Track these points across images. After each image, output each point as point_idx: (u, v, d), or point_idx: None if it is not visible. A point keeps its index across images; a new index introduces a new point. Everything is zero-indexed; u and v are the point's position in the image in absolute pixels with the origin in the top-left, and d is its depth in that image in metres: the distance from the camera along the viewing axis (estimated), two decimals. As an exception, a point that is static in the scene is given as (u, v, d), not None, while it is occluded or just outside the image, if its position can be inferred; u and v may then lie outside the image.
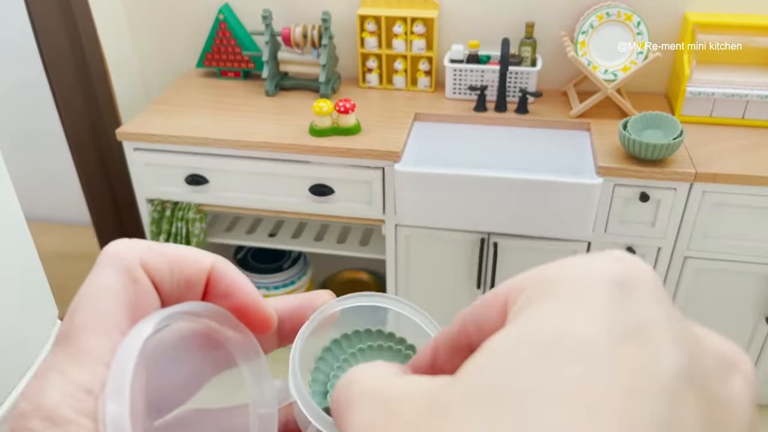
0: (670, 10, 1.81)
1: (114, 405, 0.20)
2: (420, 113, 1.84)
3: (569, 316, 0.17)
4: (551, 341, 0.16)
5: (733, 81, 1.70)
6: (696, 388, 0.16)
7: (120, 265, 0.23)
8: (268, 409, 0.26)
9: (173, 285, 0.24)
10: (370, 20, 1.89)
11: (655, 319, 0.17)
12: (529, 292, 0.18)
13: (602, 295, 0.17)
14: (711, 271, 1.67)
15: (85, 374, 0.21)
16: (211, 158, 1.75)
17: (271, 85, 1.93)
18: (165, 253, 0.24)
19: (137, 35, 2.14)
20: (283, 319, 0.27)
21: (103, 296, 0.22)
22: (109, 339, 0.21)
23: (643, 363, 0.16)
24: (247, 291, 0.25)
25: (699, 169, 1.53)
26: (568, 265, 0.19)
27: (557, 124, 1.79)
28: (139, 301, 0.23)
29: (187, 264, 0.24)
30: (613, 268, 0.18)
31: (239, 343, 0.26)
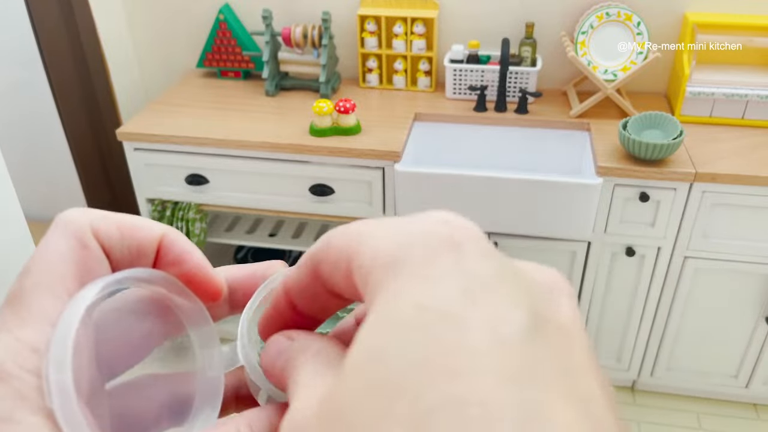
0: (670, 10, 1.81)
1: (57, 366, 0.20)
2: (420, 113, 1.84)
3: (421, 290, 0.17)
4: (412, 318, 0.17)
5: (732, 81, 1.70)
6: (545, 323, 0.17)
7: (70, 230, 0.23)
8: (214, 373, 0.27)
9: (124, 252, 0.25)
10: (370, 20, 1.89)
11: (493, 270, 0.18)
12: (374, 277, 0.19)
13: (443, 262, 0.18)
14: (711, 271, 1.67)
15: (31, 333, 0.21)
16: (212, 158, 1.75)
17: (271, 85, 1.93)
18: (117, 220, 0.25)
19: (137, 35, 2.14)
20: (235, 288, 0.28)
21: (53, 260, 0.23)
22: (58, 300, 0.22)
23: (499, 314, 0.17)
24: (196, 260, 0.26)
25: (699, 169, 1.53)
26: (400, 238, 0.19)
27: (557, 124, 1.79)
28: (88, 266, 0.23)
29: (138, 232, 0.25)
30: (443, 232, 0.19)
31: (188, 309, 0.26)
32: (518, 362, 0.16)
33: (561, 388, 0.16)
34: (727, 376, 1.85)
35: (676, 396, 1.96)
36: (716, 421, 1.89)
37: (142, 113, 1.86)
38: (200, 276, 0.26)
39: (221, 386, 0.26)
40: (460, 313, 0.17)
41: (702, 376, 1.87)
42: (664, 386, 1.95)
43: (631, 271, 1.72)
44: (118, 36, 2.09)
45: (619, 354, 1.88)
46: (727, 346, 1.80)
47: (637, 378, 1.93)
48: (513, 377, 0.15)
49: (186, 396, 0.26)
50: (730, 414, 1.91)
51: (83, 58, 1.94)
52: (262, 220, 2.09)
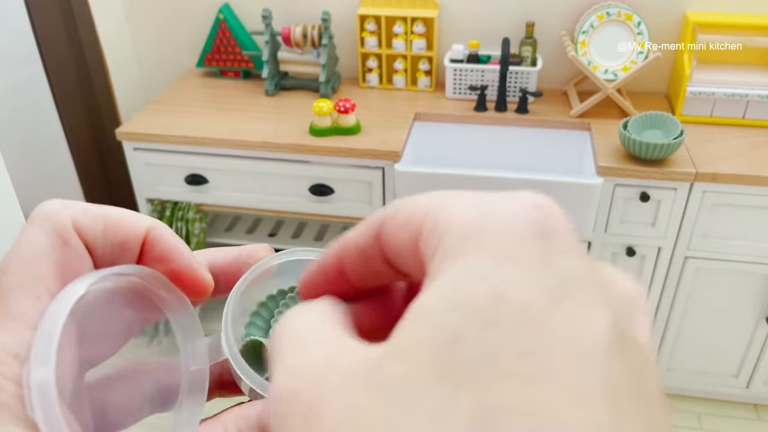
0: (671, 10, 1.81)
1: (40, 370, 0.19)
2: (420, 113, 1.83)
3: (501, 276, 0.16)
4: (489, 306, 0.15)
5: (733, 81, 1.70)
6: (624, 340, 0.16)
7: (50, 226, 0.22)
8: (199, 366, 0.26)
9: (107, 247, 0.24)
10: (370, 20, 1.89)
11: (580, 272, 0.17)
12: (448, 241, 0.17)
13: (530, 251, 0.16)
14: (711, 271, 1.67)
15: (11, 338, 0.20)
16: (211, 158, 1.75)
17: (271, 84, 1.93)
18: (100, 214, 0.24)
19: (137, 35, 2.14)
20: (218, 274, 0.26)
21: (32, 257, 0.22)
22: (38, 301, 0.21)
23: (581, 323, 0.15)
24: (183, 256, 0.25)
25: (699, 169, 1.53)
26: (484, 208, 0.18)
27: (557, 124, 1.78)
28: (70, 264, 0.22)
29: (122, 226, 0.24)
30: (534, 217, 0.17)
31: (170, 300, 0.26)
32: (595, 379, 0.15)
33: (636, 414, 0.15)
34: (728, 377, 1.85)
35: (676, 396, 1.96)
36: (717, 422, 1.89)
37: (142, 113, 1.86)
38: (188, 274, 0.25)
39: (206, 379, 0.26)
40: (542, 313, 0.15)
41: (702, 377, 1.87)
42: (665, 386, 1.93)
43: (631, 272, 1.71)
44: (118, 35, 2.09)
45: (619, 354, 1.87)
46: (728, 347, 1.80)
47: (638, 378, 1.92)
48: (589, 395, 0.14)
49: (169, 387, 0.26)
50: (730, 414, 1.91)
51: (83, 57, 1.94)
52: (262, 220, 2.09)
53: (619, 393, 0.15)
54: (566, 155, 1.78)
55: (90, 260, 0.23)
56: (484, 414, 0.14)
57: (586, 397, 0.14)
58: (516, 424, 0.14)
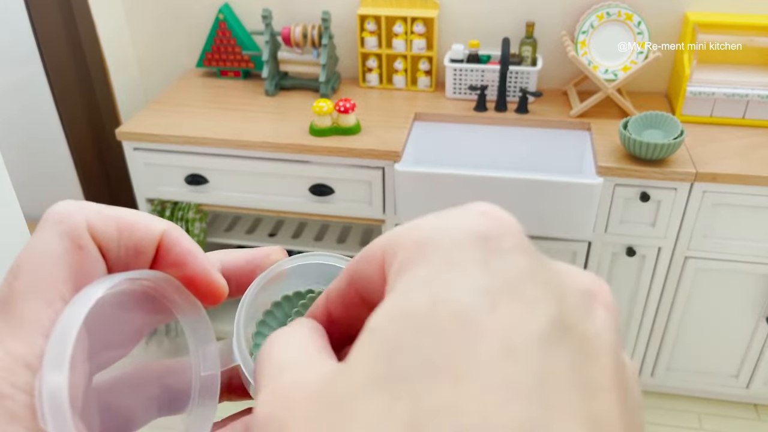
0: (671, 10, 1.80)
1: (52, 379, 0.19)
2: (420, 113, 1.83)
3: (441, 281, 0.17)
4: (426, 313, 0.16)
5: (733, 81, 1.70)
6: (565, 333, 0.16)
7: (64, 229, 0.22)
8: (210, 371, 0.26)
9: (121, 251, 0.23)
10: (370, 20, 1.89)
11: (522, 271, 0.17)
12: (401, 256, 0.18)
13: (470, 255, 0.17)
14: (711, 271, 1.67)
15: (23, 346, 0.20)
16: (211, 158, 1.75)
17: (271, 84, 1.93)
18: (114, 217, 0.23)
19: (137, 35, 2.14)
20: (230, 276, 0.26)
21: (45, 261, 0.21)
22: (50, 308, 0.21)
23: (515, 320, 0.16)
24: (198, 261, 0.24)
25: (699, 169, 1.53)
26: (434, 223, 0.19)
27: (557, 124, 1.78)
28: (84, 268, 0.22)
29: (137, 230, 0.23)
30: (478, 224, 0.18)
31: (182, 304, 0.25)
32: (527, 374, 0.15)
33: (569, 405, 0.15)
34: (728, 377, 1.85)
35: (676, 396, 1.96)
36: (717, 422, 1.89)
37: (142, 113, 1.86)
38: (203, 279, 0.25)
39: (217, 384, 0.26)
40: (475, 313, 0.16)
41: (703, 377, 1.87)
42: (665, 386, 1.94)
43: (631, 271, 1.71)
44: (118, 35, 2.09)
45: (619, 354, 1.87)
46: (728, 347, 1.80)
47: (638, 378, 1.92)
48: (519, 390, 0.15)
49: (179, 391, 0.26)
50: (730, 414, 1.91)
51: (83, 57, 1.94)
52: (262, 220, 2.08)
53: (551, 386, 0.15)
54: (566, 155, 1.78)
55: (104, 264, 0.23)
56: (418, 418, 0.14)
57: (515, 392, 0.15)
58: (447, 424, 0.14)
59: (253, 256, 0.27)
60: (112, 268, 0.23)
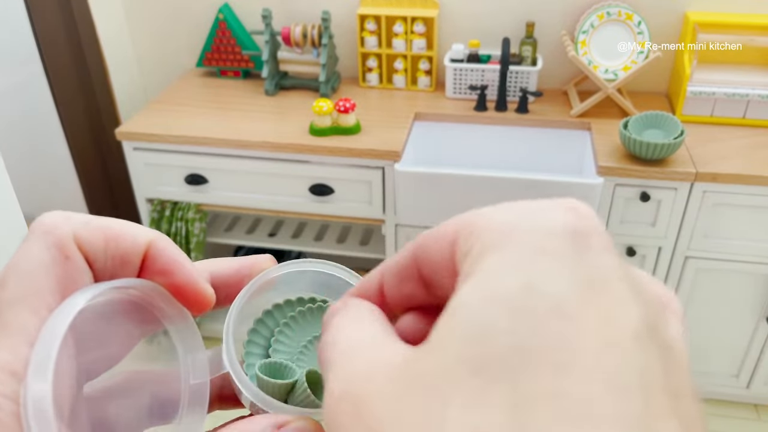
0: (671, 10, 1.80)
1: (36, 386, 0.19)
2: (420, 113, 1.83)
3: (534, 269, 0.16)
4: (521, 298, 0.16)
5: (734, 81, 1.70)
6: (654, 335, 0.16)
7: (51, 239, 0.22)
8: (199, 379, 0.26)
9: (108, 261, 0.23)
10: (370, 19, 1.89)
11: (612, 269, 0.17)
12: (483, 239, 0.18)
13: (563, 247, 0.17)
14: (712, 271, 1.67)
15: (8, 354, 0.20)
16: (211, 158, 1.75)
17: (270, 84, 1.93)
18: (101, 227, 0.23)
19: (137, 35, 2.14)
20: (219, 285, 0.26)
21: (32, 271, 0.21)
22: (36, 317, 0.21)
23: (611, 315, 0.16)
24: (185, 270, 0.24)
25: (700, 169, 1.53)
26: (522, 210, 0.18)
27: (558, 124, 1.78)
28: (70, 278, 0.22)
29: (123, 240, 0.24)
30: (568, 219, 0.18)
31: (170, 313, 0.25)
32: (628, 368, 0.15)
33: (666, 403, 0.15)
34: (728, 377, 1.85)
35: (676, 396, 1.95)
36: (717, 422, 1.89)
37: (142, 113, 1.86)
38: (190, 288, 0.25)
39: (207, 393, 0.26)
40: (574, 305, 0.16)
41: (702, 377, 1.86)
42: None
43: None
44: (118, 35, 2.09)
45: (619, 354, 1.87)
46: (728, 346, 1.79)
47: (638, 378, 1.92)
48: (621, 384, 0.15)
49: (169, 400, 0.26)
50: (730, 414, 1.91)
51: (82, 57, 1.94)
52: (262, 219, 2.08)
53: (650, 384, 0.15)
54: (566, 155, 1.78)
55: (90, 274, 0.23)
56: (518, 401, 0.14)
57: (618, 385, 0.15)
58: (551, 409, 0.14)
59: (241, 265, 0.27)
60: (98, 278, 0.23)
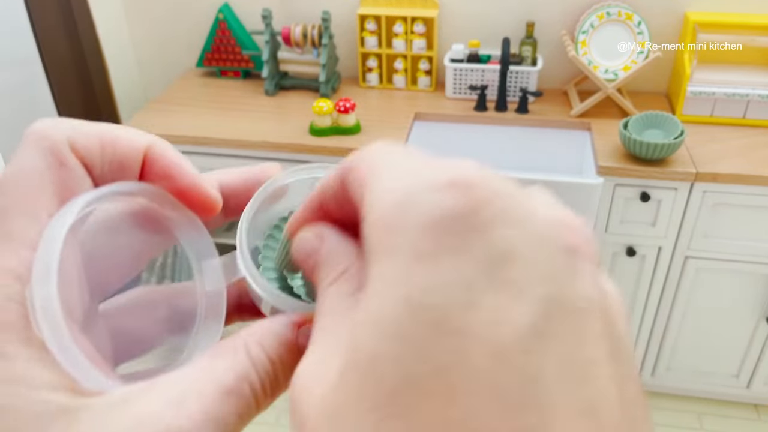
0: (671, 10, 1.80)
1: (42, 288, 0.19)
2: (420, 113, 1.83)
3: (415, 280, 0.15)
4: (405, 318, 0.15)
5: (734, 81, 1.70)
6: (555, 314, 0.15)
7: (45, 145, 0.21)
8: (215, 286, 0.25)
9: (105, 166, 0.23)
10: (370, 20, 1.89)
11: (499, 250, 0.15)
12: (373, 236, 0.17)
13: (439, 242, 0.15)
14: (712, 271, 1.67)
15: (11, 258, 0.20)
16: (211, 158, 1.75)
17: (270, 84, 1.92)
18: (96, 132, 0.23)
19: (137, 35, 2.14)
20: (229, 195, 0.26)
21: (28, 178, 0.21)
22: (36, 221, 0.20)
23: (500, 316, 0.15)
24: (186, 173, 0.24)
25: (700, 169, 1.53)
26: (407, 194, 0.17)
27: (558, 124, 1.78)
28: (68, 184, 0.22)
29: (121, 144, 0.23)
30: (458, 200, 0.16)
31: (180, 221, 0.25)
32: (517, 379, 0.14)
33: (564, 401, 0.14)
34: (728, 377, 1.85)
35: (676, 396, 1.95)
36: (717, 422, 1.89)
37: (141, 113, 1.86)
38: (193, 190, 0.24)
39: (223, 300, 0.25)
40: (455, 316, 0.15)
41: (703, 377, 1.86)
42: (665, 386, 1.94)
43: (631, 271, 1.71)
44: (118, 35, 2.09)
45: (619, 354, 1.87)
46: (728, 347, 1.79)
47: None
48: (512, 399, 0.14)
49: (187, 311, 0.25)
50: (731, 414, 1.90)
51: (82, 57, 1.94)
52: (262, 220, 2.08)
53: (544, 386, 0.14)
54: (566, 155, 1.78)
55: (89, 180, 0.22)
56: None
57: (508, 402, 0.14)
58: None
59: (249, 173, 0.27)
60: (97, 184, 0.23)
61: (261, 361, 0.21)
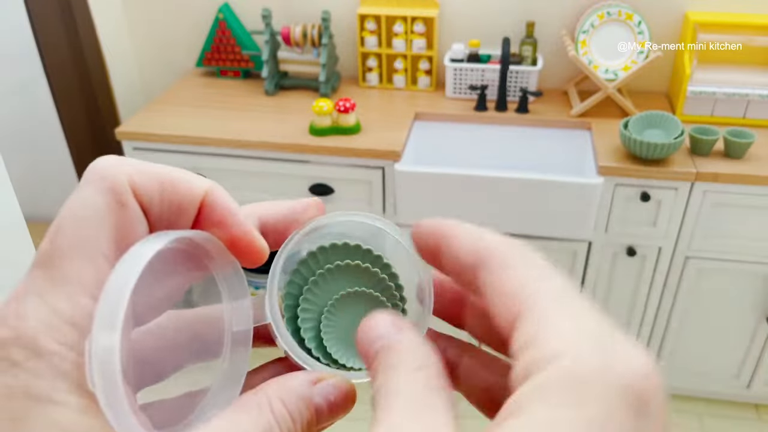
0: (671, 10, 1.80)
1: (104, 339, 0.18)
2: (420, 112, 1.83)
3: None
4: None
5: (734, 80, 1.70)
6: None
7: (107, 186, 0.21)
8: (242, 327, 0.25)
9: (163, 209, 0.23)
10: (370, 19, 1.89)
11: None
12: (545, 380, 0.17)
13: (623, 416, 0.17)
14: (712, 271, 1.67)
15: (67, 304, 0.19)
16: (211, 158, 1.75)
17: (270, 84, 1.92)
18: (157, 174, 0.22)
19: (136, 34, 2.13)
20: (267, 231, 0.26)
21: (87, 219, 0.21)
22: (93, 265, 0.20)
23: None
24: (240, 222, 0.24)
25: (700, 169, 1.53)
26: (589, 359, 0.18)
27: (558, 124, 1.78)
28: (126, 226, 0.21)
29: (180, 188, 0.23)
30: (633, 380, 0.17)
31: (221, 262, 0.25)
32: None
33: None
34: (729, 377, 1.85)
35: (677, 396, 1.95)
36: (717, 422, 1.89)
37: (141, 112, 1.85)
38: (244, 240, 0.24)
39: (249, 341, 0.25)
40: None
41: (703, 377, 1.86)
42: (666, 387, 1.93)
43: (632, 272, 1.71)
44: (117, 35, 2.08)
45: (619, 354, 1.87)
46: (729, 347, 1.79)
47: (638, 378, 1.92)
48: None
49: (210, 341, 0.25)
50: (731, 415, 1.90)
51: (82, 57, 1.94)
52: (262, 219, 2.08)
53: None
54: (567, 155, 1.78)
55: (146, 223, 0.22)
56: None
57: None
58: None
59: (291, 210, 0.27)
60: (153, 226, 0.23)
61: (284, 418, 0.22)
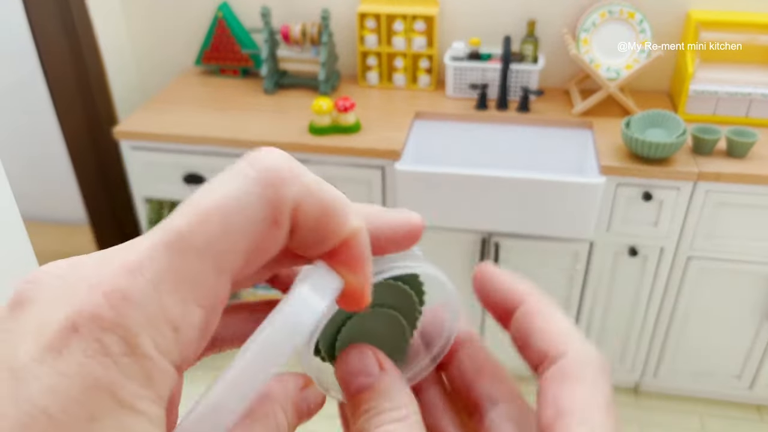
0: (673, 8, 1.79)
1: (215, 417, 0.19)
2: (420, 111, 1.82)
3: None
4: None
5: (736, 79, 1.69)
6: None
7: (271, 197, 0.19)
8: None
9: (307, 238, 0.21)
10: (370, 18, 1.87)
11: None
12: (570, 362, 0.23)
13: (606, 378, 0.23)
14: (714, 271, 1.66)
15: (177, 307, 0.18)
16: (210, 157, 1.74)
17: (270, 83, 1.91)
18: (320, 201, 0.21)
19: (135, 33, 2.12)
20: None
21: (236, 223, 0.19)
22: (219, 277, 0.19)
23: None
24: (367, 276, 0.22)
25: (702, 169, 1.52)
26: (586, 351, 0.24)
27: (559, 123, 1.77)
28: (266, 243, 0.20)
29: (334, 221, 0.21)
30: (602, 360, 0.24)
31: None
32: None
33: None
34: (731, 377, 1.84)
35: (679, 397, 1.94)
36: (719, 423, 1.88)
37: (140, 111, 1.84)
38: (358, 293, 0.23)
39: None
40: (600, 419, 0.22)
41: (705, 377, 1.85)
42: (668, 387, 1.93)
43: (634, 271, 1.70)
44: (116, 34, 2.07)
45: (622, 355, 1.86)
46: (731, 347, 1.78)
47: (640, 379, 1.91)
48: None
49: None
50: (733, 415, 1.89)
51: (80, 56, 1.92)
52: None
53: None
54: (568, 154, 1.77)
55: (281, 246, 0.21)
56: None
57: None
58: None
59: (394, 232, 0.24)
60: (286, 247, 0.21)
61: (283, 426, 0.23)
